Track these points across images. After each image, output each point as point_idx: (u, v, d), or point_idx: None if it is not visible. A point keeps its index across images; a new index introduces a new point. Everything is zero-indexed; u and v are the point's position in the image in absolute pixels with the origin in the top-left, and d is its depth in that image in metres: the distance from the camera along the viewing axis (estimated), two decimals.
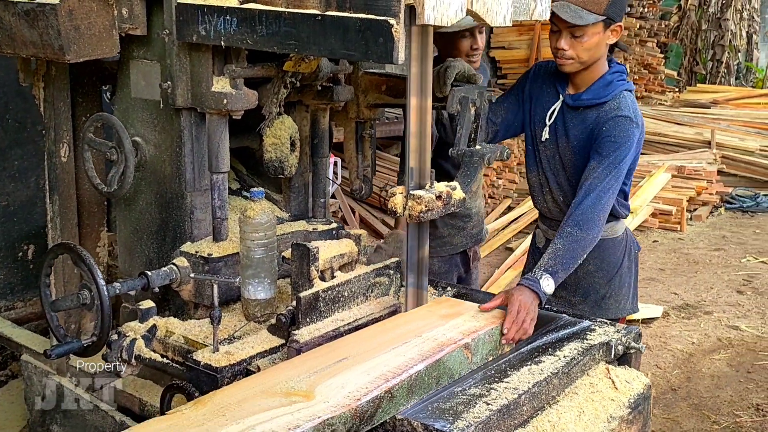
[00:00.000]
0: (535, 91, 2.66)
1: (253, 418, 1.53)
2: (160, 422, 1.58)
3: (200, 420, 1.53)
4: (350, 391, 1.67)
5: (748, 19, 15.13)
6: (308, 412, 1.57)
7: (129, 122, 2.39)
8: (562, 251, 2.29)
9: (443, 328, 2.03)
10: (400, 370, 1.77)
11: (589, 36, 2.40)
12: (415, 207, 2.00)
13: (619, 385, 2.11)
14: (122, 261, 2.58)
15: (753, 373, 4.37)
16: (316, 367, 1.78)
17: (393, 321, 2.13)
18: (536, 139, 2.65)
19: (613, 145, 2.41)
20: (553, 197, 2.66)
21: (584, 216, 2.35)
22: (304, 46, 1.87)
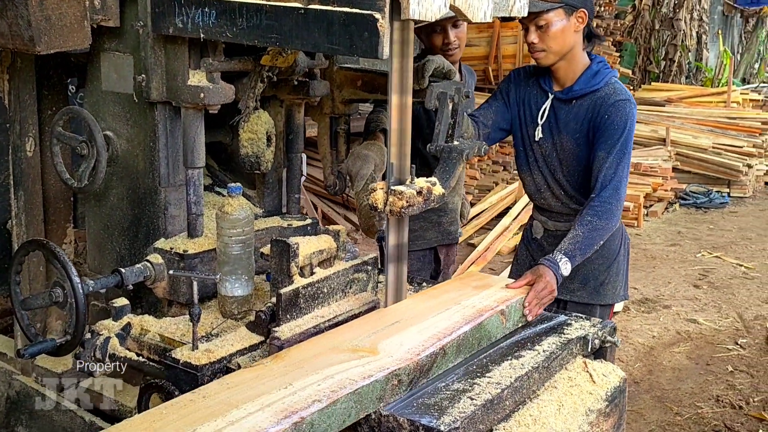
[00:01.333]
0: (521, 94, 2.74)
1: (330, 369, 1.73)
2: (247, 372, 1.75)
3: (283, 371, 1.73)
4: (409, 348, 1.86)
5: (698, 20, 15.50)
6: (376, 364, 1.77)
7: (100, 116, 2.33)
8: (581, 238, 2.43)
9: (478, 297, 2.23)
10: (449, 331, 1.97)
11: (553, 24, 2.50)
12: (396, 202, 1.99)
13: (596, 379, 2.14)
14: (91, 258, 2.52)
15: (712, 366, 4.49)
16: (374, 329, 1.98)
17: (430, 292, 2.31)
18: (529, 140, 2.73)
19: (618, 131, 2.52)
20: (554, 194, 2.74)
21: (603, 207, 2.48)
22: (286, 39, 1.84)
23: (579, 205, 2.66)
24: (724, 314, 5.34)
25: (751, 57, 19.98)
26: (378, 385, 1.70)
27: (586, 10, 2.57)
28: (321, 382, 1.65)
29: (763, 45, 20.31)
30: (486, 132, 2.74)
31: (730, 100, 10.95)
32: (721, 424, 3.78)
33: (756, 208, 8.85)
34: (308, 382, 1.65)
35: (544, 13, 2.48)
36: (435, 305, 2.16)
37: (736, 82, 16.54)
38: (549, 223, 2.80)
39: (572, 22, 2.54)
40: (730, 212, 8.60)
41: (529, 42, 2.55)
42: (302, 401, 1.56)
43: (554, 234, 2.78)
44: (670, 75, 14.15)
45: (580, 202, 2.68)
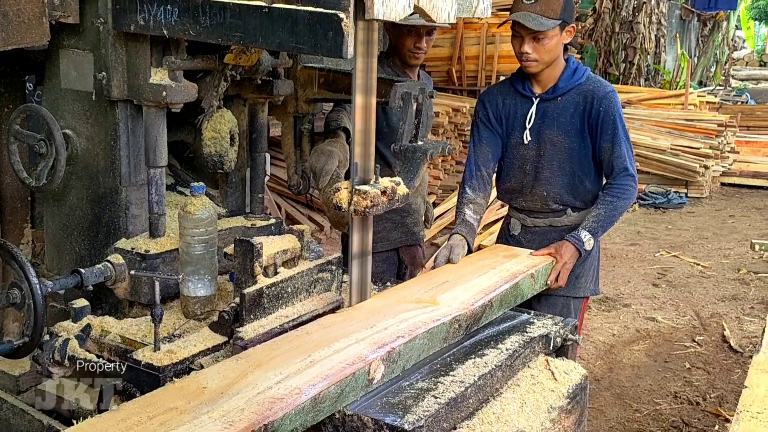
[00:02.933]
0: (500, 110, 2.88)
1: (403, 314, 2.05)
2: (336, 316, 2.06)
3: (364, 316, 2.04)
4: (462, 300, 2.19)
5: (656, 24, 15.80)
6: (440, 312, 2.09)
7: (59, 114, 2.29)
8: (603, 216, 2.72)
9: (510, 263, 2.58)
10: (493, 288, 2.31)
11: (549, 38, 2.68)
12: (360, 202, 2.00)
13: (558, 377, 2.17)
14: (50, 258, 2.48)
15: (670, 363, 4.57)
16: (428, 287, 2.31)
17: (467, 260, 2.66)
18: (517, 146, 2.87)
19: (614, 120, 2.73)
20: (536, 194, 2.87)
21: (621, 187, 2.73)
22: (250, 38, 1.83)
23: (559, 204, 2.84)
24: (682, 312, 5.45)
25: (708, 60, 20.43)
26: (444, 328, 2.03)
27: (574, 25, 2.79)
28: (398, 324, 1.97)
29: (719, 49, 20.80)
30: (493, 164, 2.92)
31: (688, 103, 11.18)
32: (679, 419, 3.85)
33: (712, 209, 9.05)
34: (388, 324, 1.97)
35: (545, 30, 2.64)
36: (474, 269, 2.50)
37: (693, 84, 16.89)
38: (528, 220, 2.93)
39: (563, 36, 2.73)
40: (687, 212, 8.78)
41: (522, 51, 2.70)
42: (388, 337, 1.87)
43: (532, 230, 2.92)
44: (630, 77, 14.39)
45: (560, 201, 2.84)
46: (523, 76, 2.85)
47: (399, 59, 3.09)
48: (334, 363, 1.71)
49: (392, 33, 3.04)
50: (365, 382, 1.74)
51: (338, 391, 1.65)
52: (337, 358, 1.73)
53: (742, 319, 5.31)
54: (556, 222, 2.88)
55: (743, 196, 9.76)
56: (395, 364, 1.83)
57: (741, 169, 10.38)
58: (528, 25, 2.63)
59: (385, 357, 1.78)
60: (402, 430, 1.67)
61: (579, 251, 2.65)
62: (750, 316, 5.37)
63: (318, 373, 1.64)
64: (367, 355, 1.76)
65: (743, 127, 12.13)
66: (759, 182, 10.15)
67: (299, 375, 1.64)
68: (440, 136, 7.91)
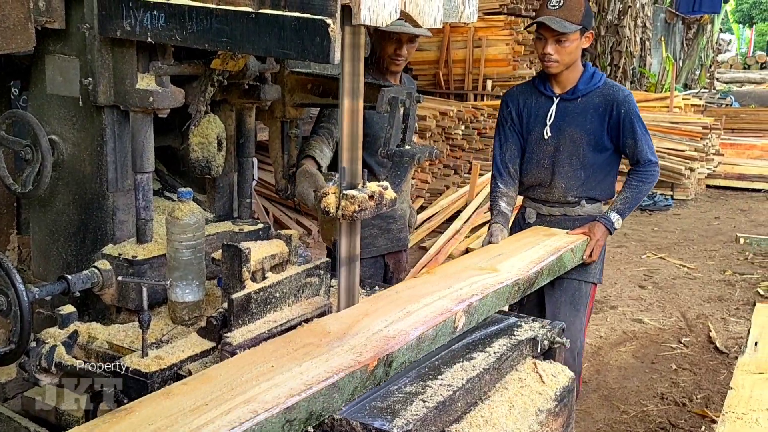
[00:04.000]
0: (522, 108, 3.18)
1: (472, 278, 2.38)
2: (414, 280, 2.40)
3: (439, 280, 2.36)
4: (519, 268, 2.54)
5: (642, 27, 15.90)
6: (502, 276, 2.43)
7: (44, 120, 2.28)
8: (630, 198, 3.08)
9: (551, 240, 2.93)
10: (542, 259, 2.66)
11: (570, 42, 2.97)
12: (348, 207, 2.00)
13: (546, 379, 2.18)
14: (36, 265, 2.47)
15: (656, 364, 4.60)
16: (487, 258, 2.66)
17: (512, 237, 3.03)
18: (537, 141, 3.15)
19: (634, 119, 3.05)
20: (555, 186, 3.17)
21: (645, 174, 3.08)
22: (237, 44, 1.84)
23: (575, 196, 3.16)
24: (668, 314, 5.48)
25: (693, 63, 20.58)
26: (507, 289, 2.37)
27: (593, 32, 3.07)
28: (470, 285, 2.31)
29: (704, 52, 20.96)
30: (518, 160, 3.22)
31: (673, 105, 11.26)
32: (666, 421, 3.87)
33: (698, 210, 9.11)
34: (462, 285, 2.30)
35: (567, 33, 2.93)
36: (522, 245, 2.87)
37: (678, 87, 17.03)
38: (543, 209, 3.24)
39: (582, 41, 3.03)
40: (673, 214, 8.83)
41: (545, 53, 2.99)
42: (464, 295, 2.22)
43: (548, 219, 3.23)
44: (616, 80, 14.45)
45: (577, 193, 3.16)
46: (544, 77, 3.14)
47: (380, 65, 3.10)
48: (426, 313, 2.05)
49: (374, 39, 3.05)
50: (451, 329, 2.08)
51: (434, 334, 1.99)
52: (428, 310, 2.08)
53: (727, 320, 5.35)
54: (570, 212, 3.19)
55: (728, 198, 9.83)
56: (472, 317, 2.19)
57: (726, 171, 10.47)
58: (552, 26, 2.90)
59: (465, 310, 2.14)
60: None
61: (609, 230, 3.04)
62: (735, 317, 5.41)
63: (415, 320, 1.99)
64: (451, 307, 2.11)
65: (728, 129, 12.24)
66: (743, 184, 10.24)
67: (401, 321, 1.98)
68: (428, 140, 7.93)
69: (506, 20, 10.18)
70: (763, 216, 8.83)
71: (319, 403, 1.60)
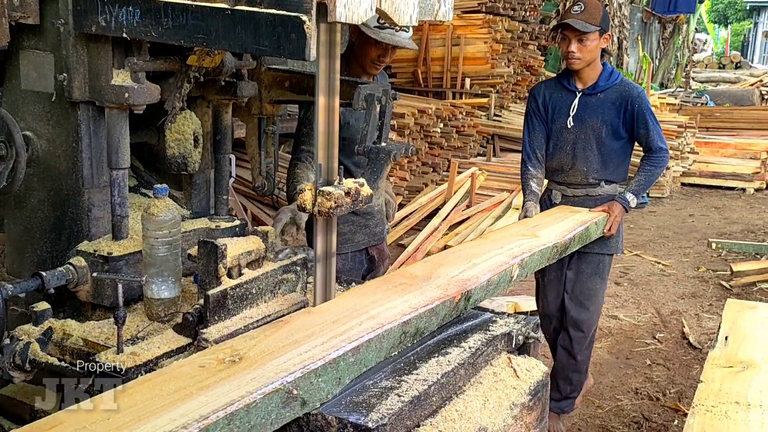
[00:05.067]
0: (548, 101, 3.63)
1: (519, 241, 2.84)
2: (471, 243, 2.86)
3: (491, 243, 2.80)
4: (556, 234, 3.01)
5: (619, 26, 16.02)
6: (542, 241, 2.89)
7: (19, 116, 2.27)
8: (643, 180, 3.55)
9: (577, 216, 3.38)
10: (573, 228, 3.14)
11: (591, 41, 3.41)
12: (324, 203, 2.01)
13: (520, 374, 2.20)
14: (10, 261, 2.45)
15: (631, 360, 4.66)
16: (526, 228, 3.12)
17: (544, 214, 3.47)
18: (561, 130, 3.60)
19: (646, 112, 3.51)
20: (578, 170, 3.60)
21: (656, 159, 3.54)
22: (213, 40, 1.84)
23: (594, 178, 3.59)
24: (643, 310, 5.55)
25: (669, 62, 20.78)
26: (548, 250, 2.86)
27: (610, 33, 3.52)
28: (519, 246, 2.75)
29: (680, 51, 21.16)
30: (544, 147, 3.66)
31: None
32: (640, 415, 3.93)
33: (673, 208, 9.22)
34: (512, 246, 2.75)
35: (588, 33, 3.37)
36: (554, 219, 3.32)
37: (655, 86, 17.19)
38: (568, 190, 3.68)
39: (601, 41, 3.46)
40: (649, 212, 8.93)
41: (569, 51, 3.44)
42: (516, 253, 2.66)
43: (572, 199, 3.66)
44: None
45: (596, 175, 3.59)
46: (568, 74, 3.59)
47: (359, 65, 3.09)
48: (489, 264, 2.49)
49: (357, 39, 3.04)
50: (509, 278, 2.53)
51: (497, 280, 2.43)
52: (489, 262, 2.51)
53: (701, 316, 5.43)
54: (591, 192, 3.62)
55: (702, 196, 9.96)
56: (524, 270, 2.66)
57: (700, 170, 10.60)
58: (576, 26, 3.35)
59: (519, 263, 2.57)
60: (366, 428, 1.69)
61: (625, 208, 3.49)
62: (708, 313, 5.50)
63: (482, 269, 2.43)
64: (508, 261, 2.55)
65: (702, 128, 12.37)
66: (718, 182, 10.38)
67: (471, 270, 2.41)
68: (406, 137, 7.95)
69: (485, 19, 10.22)
70: (736, 213, 8.96)
71: (423, 322, 2.05)
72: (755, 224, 8.36)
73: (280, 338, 1.80)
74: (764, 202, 9.62)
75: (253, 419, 1.49)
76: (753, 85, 20.11)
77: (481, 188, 8.16)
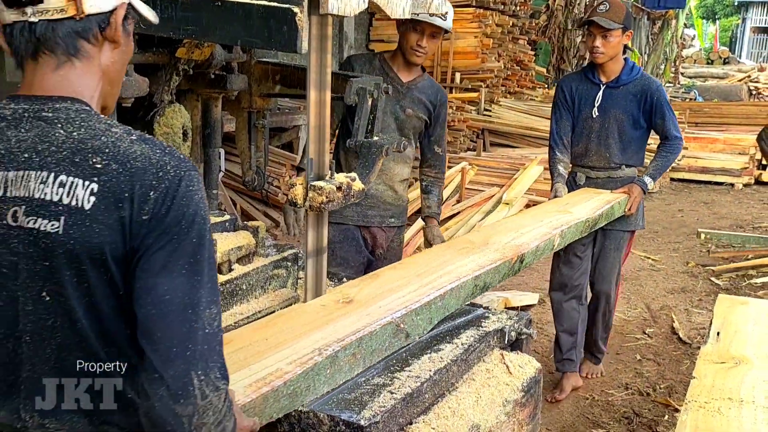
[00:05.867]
0: (575, 92, 3.97)
1: (554, 216, 3.26)
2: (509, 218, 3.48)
3: (530, 218, 3.26)
4: (586, 211, 3.41)
5: None
6: (576, 216, 3.30)
7: None
8: (660, 165, 3.94)
9: (602, 196, 3.77)
10: (601, 206, 3.55)
11: (614, 37, 3.72)
12: (315, 198, 1.99)
13: (513, 370, 2.19)
14: None
15: (621, 355, 4.65)
16: (559, 206, 3.52)
17: (571, 194, 3.84)
18: (586, 119, 3.93)
19: (662, 105, 3.85)
20: (600, 155, 3.95)
21: (671, 146, 3.92)
22: (204, 32, 1.81)
23: (618, 162, 3.93)
24: (633, 305, 5.55)
25: (658, 57, 20.82)
26: (582, 224, 3.27)
27: (632, 31, 3.83)
28: (557, 220, 3.19)
29: (669, 46, 21.21)
30: (570, 134, 3.99)
31: None
32: (630, 410, 3.92)
33: (662, 203, 9.24)
34: (551, 220, 3.19)
35: (612, 29, 3.68)
36: (582, 198, 3.72)
37: None
38: (591, 173, 4.02)
39: (623, 38, 3.76)
40: None
41: (594, 46, 3.74)
42: (556, 225, 3.10)
43: (595, 181, 4.00)
44: None
45: (617, 160, 3.93)
46: (593, 68, 3.90)
47: (402, 55, 3.18)
48: (534, 234, 2.90)
49: (399, 29, 3.13)
50: (552, 246, 2.98)
51: (543, 246, 2.86)
52: (535, 232, 2.93)
53: (690, 311, 5.44)
54: (613, 174, 3.96)
55: (692, 191, 9.99)
56: (563, 239, 3.09)
57: (690, 165, 10.62)
58: (601, 23, 3.65)
59: (559, 234, 3.00)
60: (358, 426, 1.67)
61: (644, 190, 3.87)
62: (698, 308, 5.50)
63: (529, 237, 2.85)
64: (550, 231, 2.97)
65: (691, 123, 12.41)
66: (707, 177, 10.41)
67: (520, 238, 2.83)
68: None
69: (475, 13, 10.20)
70: (725, 208, 8.99)
71: (489, 278, 2.44)
72: (743, 219, 8.39)
73: (378, 287, 2.20)
74: (752, 197, 9.66)
75: (373, 344, 1.90)
76: (741, 80, 20.22)
77: (471, 183, 8.15)
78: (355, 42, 9.70)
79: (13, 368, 1.24)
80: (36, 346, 1.22)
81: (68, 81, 1.25)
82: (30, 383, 1.25)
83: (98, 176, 1.17)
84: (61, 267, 1.17)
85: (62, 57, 1.24)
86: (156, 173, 1.18)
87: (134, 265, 1.17)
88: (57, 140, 1.20)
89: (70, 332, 1.20)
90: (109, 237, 1.16)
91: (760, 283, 6.00)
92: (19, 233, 1.17)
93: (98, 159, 1.18)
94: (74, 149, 1.19)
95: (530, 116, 10.33)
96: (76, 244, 1.16)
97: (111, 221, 1.16)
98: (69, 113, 1.23)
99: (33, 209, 1.17)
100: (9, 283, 1.20)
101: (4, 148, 1.20)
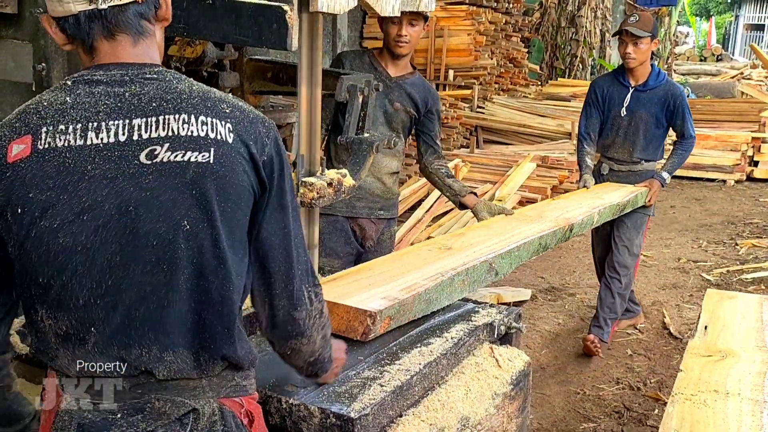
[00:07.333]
0: (606, 94, 4.51)
1: (587, 201, 3.90)
2: (553, 200, 4.22)
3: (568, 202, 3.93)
4: (615, 197, 4.07)
5: (601, 18, 16.06)
6: (607, 201, 3.97)
7: None
8: (676, 162, 4.60)
9: (625, 188, 4.38)
10: (626, 195, 4.20)
11: (644, 44, 4.28)
12: (307, 194, 2.01)
13: (502, 364, 2.21)
14: None
15: (612, 350, 4.69)
16: (591, 196, 4.16)
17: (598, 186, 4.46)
18: (615, 117, 4.48)
19: (684, 108, 4.43)
20: (625, 149, 4.52)
21: (687, 144, 4.53)
22: (194, 29, 1.83)
23: (639, 157, 4.51)
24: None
25: None
26: (614, 207, 3.96)
27: (658, 39, 4.56)
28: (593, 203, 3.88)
29: (662, 44, 21.24)
30: (598, 130, 4.54)
31: None
32: (621, 404, 3.96)
33: None
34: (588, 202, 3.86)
35: (642, 37, 4.22)
36: (608, 189, 4.36)
37: None
38: (614, 165, 4.60)
39: (651, 45, 4.32)
40: None
41: (627, 52, 4.30)
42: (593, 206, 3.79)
43: (617, 173, 4.58)
44: (575, 71, 14.62)
45: (639, 155, 4.50)
46: (623, 71, 4.45)
47: (388, 50, 3.24)
48: (578, 211, 3.61)
49: (380, 23, 3.22)
50: (592, 222, 3.71)
51: (587, 221, 3.57)
52: (577, 211, 3.61)
53: (681, 307, 5.48)
54: (633, 168, 4.53)
55: (684, 188, 10.03)
56: (601, 217, 3.80)
57: None
58: (633, 32, 4.22)
59: (597, 213, 3.71)
60: (348, 418, 1.69)
61: (662, 184, 4.47)
62: (689, 303, 5.54)
63: (574, 214, 3.54)
64: (590, 210, 3.67)
65: None
66: (698, 174, 10.45)
67: (567, 213, 3.54)
68: None
69: (468, 10, 10.22)
70: (717, 205, 9.04)
71: (548, 240, 3.12)
72: (735, 216, 8.44)
73: (468, 240, 2.86)
74: (744, 194, 9.71)
75: (475, 275, 2.50)
76: (734, 77, 20.27)
77: (465, 180, 8.17)
78: (348, 40, 9.71)
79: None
80: (172, 274, 1.33)
81: (148, 54, 1.40)
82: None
83: (229, 119, 1.36)
84: (207, 193, 1.32)
85: (135, 36, 1.38)
86: (264, 124, 1.41)
87: (261, 200, 1.40)
88: (183, 91, 1.35)
89: (211, 255, 1.34)
90: (248, 168, 1.36)
91: (751, 279, 6.04)
92: (155, 169, 1.30)
93: (224, 105, 1.37)
94: (202, 97, 1.36)
95: (523, 113, 10.36)
96: (226, 171, 1.33)
97: (247, 157, 1.36)
98: (174, 74, 1.39)
99: (181, 144, 1.31)
100: (140, 219, 1.30)
101: (114, 103, 1.32)
